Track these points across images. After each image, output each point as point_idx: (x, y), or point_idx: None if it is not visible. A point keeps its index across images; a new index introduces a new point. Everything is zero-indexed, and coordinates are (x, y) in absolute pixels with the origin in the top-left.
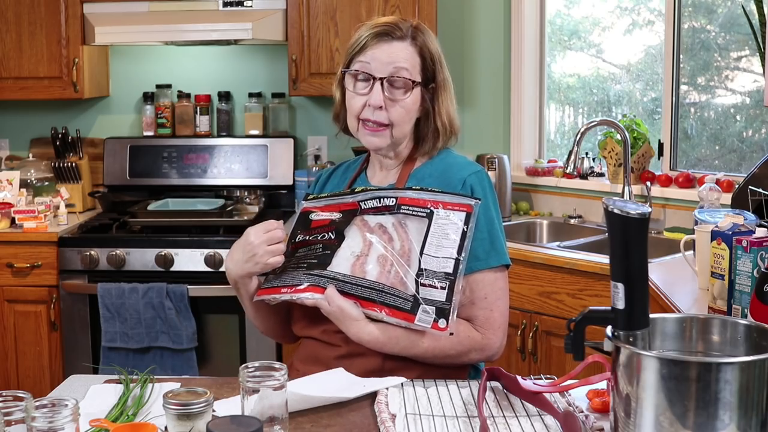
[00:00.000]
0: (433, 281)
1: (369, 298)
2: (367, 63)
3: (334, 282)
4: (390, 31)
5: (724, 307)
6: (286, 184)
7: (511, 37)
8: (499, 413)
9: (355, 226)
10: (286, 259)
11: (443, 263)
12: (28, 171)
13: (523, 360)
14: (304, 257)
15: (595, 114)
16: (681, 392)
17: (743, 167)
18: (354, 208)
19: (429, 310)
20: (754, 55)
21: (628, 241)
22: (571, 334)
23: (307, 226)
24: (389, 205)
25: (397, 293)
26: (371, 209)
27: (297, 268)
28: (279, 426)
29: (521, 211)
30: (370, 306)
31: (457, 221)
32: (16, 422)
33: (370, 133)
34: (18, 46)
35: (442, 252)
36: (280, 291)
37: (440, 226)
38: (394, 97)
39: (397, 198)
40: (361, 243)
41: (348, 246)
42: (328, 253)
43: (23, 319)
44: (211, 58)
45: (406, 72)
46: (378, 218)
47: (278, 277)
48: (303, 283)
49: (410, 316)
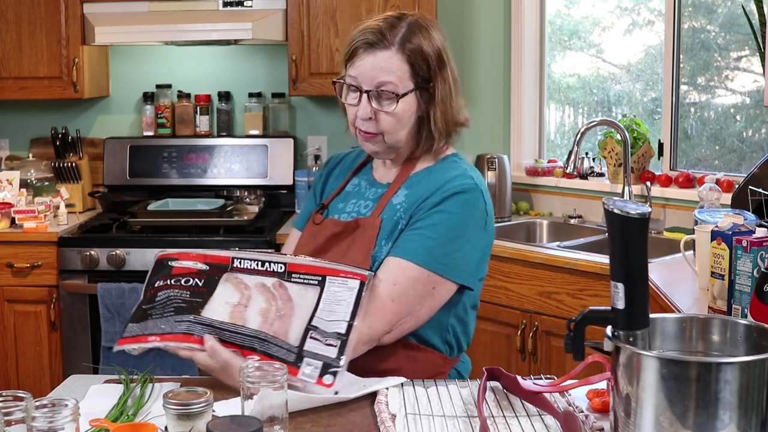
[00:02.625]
0: (323, 338)
1: (251, 347)
2: (355, 76)
3: (212, 330)
4: (375, 41)
5: (724, 307)
6: (286, 184)
7: (511, 37)
8: (499, 413)
9: (227, 282)
10: (144, 305)
11: (335, 325)
12: (28, 171)
13: (523, 360)
14: (168, 302)
15: (595, 114)
16: (681, 392)
17: (743, 167)
18: (224, 263)
19: (314, 364)
20: (754, 55)
21: (628, 241)
22: (571, 334)
23: (167, 273)
24: (276, 271)
25: (281, 344)
26: (247, 269)
27: (163, 314)
28: (279, 426)
29: (521, 211)
30: (250, 355)
31: (353, 287)
32: (16, 422)
33: (364, 140)
34: (18, 46)
35: (334, 316)
36: (147, 339)
37: (333, 293)
38: (382, 108)
39: (286, 264)
40: (238, 294)
41: (222, 295)
42: (199, 301)
43: (23, 319)
44: (211, 58)
45: (391, 85)
46: (256, 278)
47: (142, 323)
48: (174, 330)
49: (294, 369)
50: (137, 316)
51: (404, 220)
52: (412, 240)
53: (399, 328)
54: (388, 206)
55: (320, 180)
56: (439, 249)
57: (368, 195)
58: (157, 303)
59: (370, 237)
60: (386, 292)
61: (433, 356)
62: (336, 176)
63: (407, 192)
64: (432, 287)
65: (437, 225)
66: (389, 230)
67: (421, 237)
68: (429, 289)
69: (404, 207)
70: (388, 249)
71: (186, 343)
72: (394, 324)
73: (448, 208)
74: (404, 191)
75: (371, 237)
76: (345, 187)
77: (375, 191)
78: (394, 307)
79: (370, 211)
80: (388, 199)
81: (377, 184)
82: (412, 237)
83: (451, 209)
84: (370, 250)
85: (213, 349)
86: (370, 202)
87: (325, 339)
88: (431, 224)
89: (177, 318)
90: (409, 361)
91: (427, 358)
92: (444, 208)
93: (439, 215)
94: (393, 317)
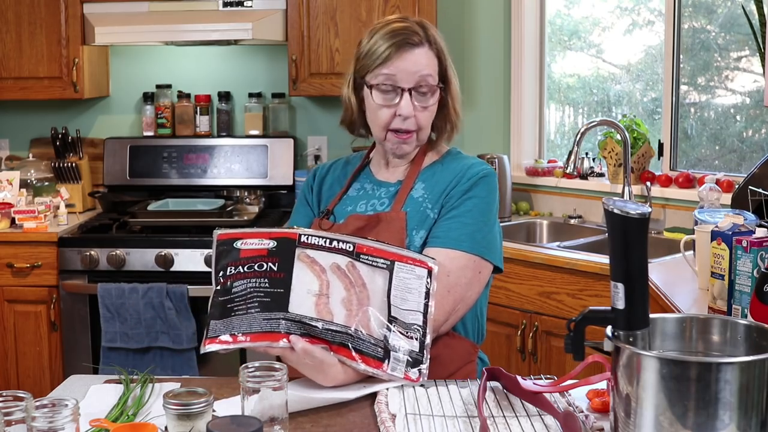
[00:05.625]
0: (405, 330)
1: (341, 343)
2: (393, 75)
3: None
4: (409, 40)
5: (724, 307)
6: (286, 184)
7: (511, 37)
8: (499, 413)
9: (300, 262)
10: (222, 297)
11: (412, 315)
12: (28, 171)
13: (523, 360)
14: (249, 295)
15: (595, 114)
16: (681, 392)
17: (743, 167)
18: (292, 238)
19: (401, 359)
20: (754, 55)
21: (628, 241)
22: (571, 334)
23: (236, 257)
24: (346, 250)
25: (369, 339)
26: (316, 246)
27: (247, 311)
28: (279, 426)
29: (521, 211)
30: (342, 352)
31: (420, 275)
32: (16, 422)
33: (401, 141)
34: (18, 46)
35: (407, 305)
36: (236, 340)
37: (402, 279)
38: (422, 104)
39: (354, 244)
40: (317, 281)
41: (301, 282)
42: (281, 291)
43: (23, 319)
44: (211, 58)
45: (430, 78)
46: (330, 257)
47: (226, 321)
48: (264, 328)
49: (380, 364)
50: (218, 313)
51: (434, 210)
52: (452, 229)
53: (454, 315)
54: (409, 200)
55: (311, 191)
56: (479, 233)
57: (379, 194)
58: (235, 295)
59: (399, 228)
60: (442, 285)
61: (465, 344)
62: (330, 184)
63: (425, 185)
64: (479, 272)
65: (472, 210)
66: (418, 221)
67: (460, 224)
68: (476, 274)
69: (429, 198)
70: (421, 237)
71: (278, 343)
72: (451, 312)
73: (477, 193)
74: (421, 185)
75: (400, 228)
76: (347, 191)
77: (387, 190)
78: (450, 297)
79: (387, 207)
80: (407, 194)
81: (386, 183)
82: (452, 226)
83: (480, 194)
84: (402, 240)
85: (305, 351)
86: (386, 200)
87: (407, 331)
88: (467, 210)
89: (265, 315)
90: (446, 348)
91: (461, 346)
92: (474, 194)
93: (471, 201)
94: (450, 307)
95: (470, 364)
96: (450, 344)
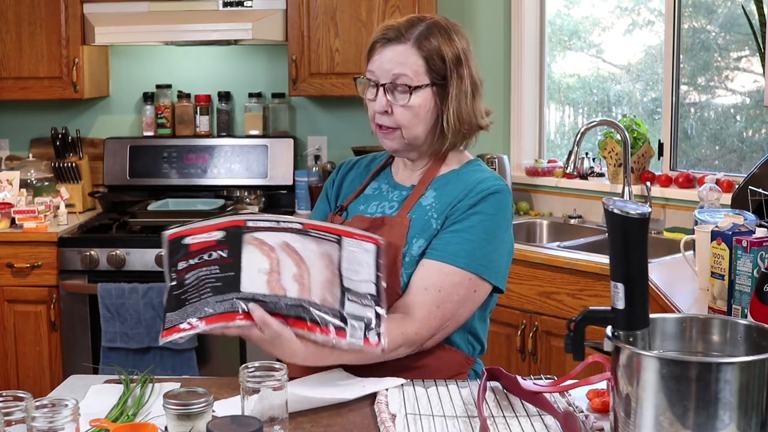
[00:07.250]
0: (359, 300)
1: (297, 316)
2: (372, 70)
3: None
4: (390, 36)
5: (724, 307)
6: (286, 184)
7: (511, 37)
8: (499, 413)
9: (249, 245)
10: (175, 291)
11: (365, 285)
12: (28, 171)
13: (523, 360)
14: (201, 283)
15: (595, 114)
16: (681, 392)
17: (743, 167)
18: (238, 225)
19: (358, 326)
20: (754, 55)
21: (628, 241)
22: (571, 334)
23: (185, 252)
24: (293, 228)
25: (325, 310)
26: (264, 228)
27: (200, 297)
28: (279, 426)
29: (521, 211)
30: (299, 325)
31: (369, 249)
32: (16, 422)
33: (383, 136)
34: (18, 46)
35: (359, 276)
36: (191, 326)
37: (351, 253)
38: (397, 101)
39: (303, 224)
40: (266, 260)
41: (251, 262)
42: (232, 274)
43: (23, 319)
44: (211, 58)
45: (405, 77)
46: (279, 236)
47: (180, 311)
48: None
49: (338, 332)
50: (172, 305)
51: (438, 220)
52: (451, 243)
53: (441, 332)
54: (417, 207)
55: (333, 185)
56: (479, 250)
57: (391, 197)
58: (188, 286)
59: (400, 234)
60: (432, 299)
61: (457, 356)
62: (351, 180)
63: (436, 193)
64: (473, 290)
65: (475, 226)
66: (420, 229)
67: (461, 239)
68: (471, 292)
69: (436, 208)
70: (420, 246)
71: (233, 322)
72: (438, 329)
73: (484, 209)
74: (432, 192)
75: (401, 234)
76: (364, 189)
77: (399, 193)
78: (439, 313)
79: (395, 211)
80: (416, 200)
81: (400, 186)
82: (452, 239)
83: (487, 210)
84: (401, 246)
85: (263, 320)
86: (395, 203)
87: (361, 300)
88: (470, 226)
89: (218, 298)
90: (434, 359)
91: (452, 357)
92: (481, 209)
93: (476, 216)
94: (438, 323)
95: (460, 375)
96: (440, 356)
